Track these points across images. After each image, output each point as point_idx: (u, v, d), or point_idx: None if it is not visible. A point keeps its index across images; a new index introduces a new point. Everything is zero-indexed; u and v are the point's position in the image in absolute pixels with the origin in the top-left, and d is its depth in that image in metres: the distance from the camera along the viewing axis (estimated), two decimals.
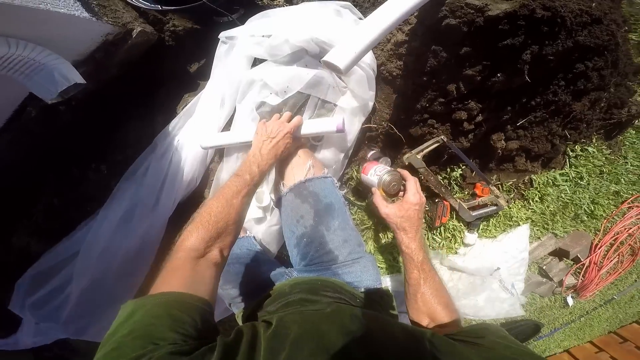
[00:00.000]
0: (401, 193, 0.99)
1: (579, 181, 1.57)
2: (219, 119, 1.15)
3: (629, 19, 1.18)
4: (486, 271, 1.51)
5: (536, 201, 1.57)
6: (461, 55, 0.96)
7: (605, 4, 0.91)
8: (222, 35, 1.11)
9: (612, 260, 1.87)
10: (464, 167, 1.38)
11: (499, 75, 0.97)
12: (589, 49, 0.93)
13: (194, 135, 1.17)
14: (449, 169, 1.37)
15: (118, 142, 1.26)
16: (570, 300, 2.08)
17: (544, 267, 1.84)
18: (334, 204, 0.96)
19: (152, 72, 1.24)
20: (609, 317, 2.36)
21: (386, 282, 1.51)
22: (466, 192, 1.45)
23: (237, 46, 1.10)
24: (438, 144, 1.18)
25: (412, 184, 0.89)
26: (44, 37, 0.79)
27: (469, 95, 1.06)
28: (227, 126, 1.18)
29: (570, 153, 1.48)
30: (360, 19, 1.05)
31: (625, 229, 1.77)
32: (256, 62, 1.14)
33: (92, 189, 1.27)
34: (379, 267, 1.53)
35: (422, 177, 1.31)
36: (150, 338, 0.42)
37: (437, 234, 1.56)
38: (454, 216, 1.51)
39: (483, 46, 0.93)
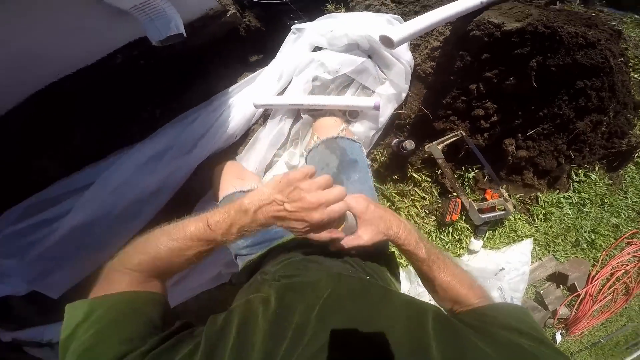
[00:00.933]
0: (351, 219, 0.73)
1: (581, 207, 1.71)
2: (274, 88, 1.38)
3: (633, 59, 1.40)
4: (490, 272, 1.61)
5: (540, 219, 1.71)
6: (482, 60, 1.20)
7: (602, 35, 1.15)
8: (294, 27, 1.39)
9: (606, 297, 1.93)
10: (477, 170, 1.56)
11: (511, 78, 1.19)
12: (586, 67, 1.15)
13: (248, 97, 1.38)
14: (463, 168, 1.54)
15: (178, 94, 1.45)
16: (558, 337, 2.08)
17: (541, 292, 1.90)
18: (358, 162, 1.05)
19: (224, 50, 1.51)
20: None
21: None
22: (477, 195, 1.60)
23: (304, 36, 1.36)
24: (457, 137, 1.38)
25: (347, 199, 0.65)
26: None
27: (486, 95, 1.28)
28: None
29: (574, 177, 1.65)
30: None
31: (622, 264, 1.86)
32: (315, 51, 1.40)
33: (138, 128, 1.35)
34: None
35: (440, 169, 1.49)
36: (124, 334, 0.42)
37: (445, 234, 1.69)
38: (463, 217, 1.65)
39: (499, 54, 1.17)
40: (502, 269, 1.60)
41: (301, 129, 1.35)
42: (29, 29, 0.96)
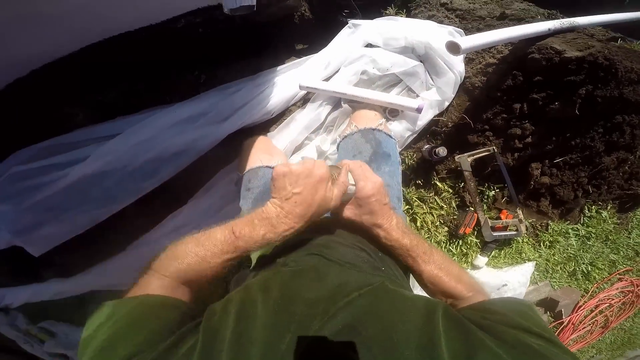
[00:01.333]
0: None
1: (586, 240, 1.77)
2: (321, 74, 1.37)
3: None
4: (493, 287, 1.65)
5: (546, 245, 1.76)
6: (533, 82, 1.22)
7: None
8: (351, 21, 1.38)
9: (585, 328, 2.02)
10: (497, 190, 1.59)
11: (556, 103, 1.22)
12: (630, 103, 1.18)
13: (293, 79, 1.37)
14: (486, 185, 1.57)
15: (227, 65, 1.44)
16: None
17: None
18: (391, 156, 1.06)
19: (279, 32, 1.50)
20: None
21: None
22: (492, 214, 1.64)
23: (359, 31, 1.36)
24: (488, 153, 1.40)
25: (358, 173, 0.67)
26: None
27: (527, 116, 1.30)
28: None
29: (587, 212, 1.70)
30: None
31: (608, 298, 1.94)
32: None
33: (181, 89, 1.34)
34: None
35: (463, 182, 1.51)
36: (139, 337, 0.42)
37: (454, 246, 1.72)
38: (475, 232, 1.68)
39: (552, 78, 1.19)
40: (504, 285, 1.64)
41: (339, 117, 1.35)
42: None
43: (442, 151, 1.35)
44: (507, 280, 1.74)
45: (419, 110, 1.26)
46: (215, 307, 0.48)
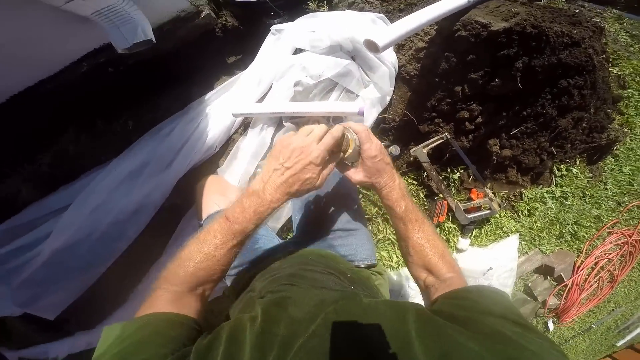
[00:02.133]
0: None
1: (564, 201, 1.73)
2: (253, 95, 1.31)
3: (612, 54, 1.41)
4: (479, 272, 1.61)
5: (525, 214, 1.72)
6: (468, 61, 1.16)
7: (586, 33, 1.14)
8: (273, 27, 1.31)
9: (592, 285, 1.98)
10: (462, 170, 1.54)
11: (496, 80, 1.17)
12: (570, 67, 1.14)
13: (226, 105, 1.30)
14: (449, 170, 1.52)
15: (151, 103, 1.36)
16: (551, 325, 2.14)
17: (530, 284, 1.94)
18: (344, 177, 1.08)
19: (198, 53, 1.42)
20: (586, 348, 2.40)
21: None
22: (462, 195, 1.60)
23: (283, 37, 1.29)
24: (442, 140, 1.35)
25: (363, 136, 0.71)
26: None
27: (472, 97, 1.25)
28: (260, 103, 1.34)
29: (557, 172, 1.66)
30: None
31: (605, 254, 1.91)
32: (296, 53, 1.34)
33: (113, 142, 1.27)
34: None
35: (425, 172, 1.47)
36: (145, 354, 0.44)
37: None
38: (450, 218, 1.64)
39: (485, 55, 1.13)
40: (490, 269, 1.60)
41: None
42: None
43: (394, 150, 1.31)
44: (494, 258, 1.70)
45: (360, 113, 1.20)
46: (207, 332, 0.50)
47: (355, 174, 0.74)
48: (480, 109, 1.27)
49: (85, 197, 1.13)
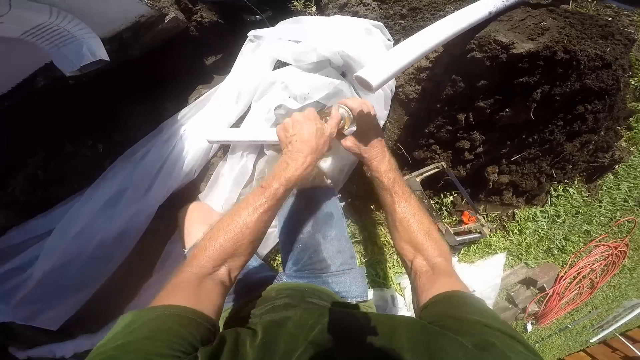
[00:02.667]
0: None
1: (556, 219, 1.65)
2: (231, 114, 1.12)
3: (634, 64, 1.25)
4: None
5: (515, 233, 1.64)
6: (477, 87, 0.98)
7: (618, 49, 0.94)
8: (251, 33, 1.09)
9: (572, 292, 1.99)
10: (455, 194, 1.43)
11: (507, 110, 1.00)
12: (593, 92, 0.97)
13: (202, 126, 1.13)
14: (442, 195, 1.41)
15: (121, 123, 1.19)
16: (529, 327, 2.18)
17: (512, 294, 1.92)
18: (333, 214, 0.96)
19: (170, 59, 1.21)
20: (561, 344, 2.50)
21: (369, 295, 1.53)
22: (454, 218, 1.50)
23: (263, 46, 1.08)
24: (437, 169, 1.22)
25: (357, 112, 0.76)
26: (82, 10, 0.75)
27: (475, 126, 1.10)
28: (238, 123, 1.17)
29: (553, 192, 1.56)
30: (389, 40, 1.06)
31: (589, 264, 1.89)
32: (278, 65, 1.14)
33: (84, 166, 1.18)
34: None
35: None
36: (145, 353, 0.40)
37: None
38: None
39: (500, 81, 0.95)
40: (473, 291, 1.56)
41: (267, 167, 1.13)
42: None
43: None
44: (479, 276, 1.66)
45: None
46: (208, 346, 0.47)
47: (346, 140, 0.79)
48: (483, 139, 1.13)
49: (68, 222, 1.08)
